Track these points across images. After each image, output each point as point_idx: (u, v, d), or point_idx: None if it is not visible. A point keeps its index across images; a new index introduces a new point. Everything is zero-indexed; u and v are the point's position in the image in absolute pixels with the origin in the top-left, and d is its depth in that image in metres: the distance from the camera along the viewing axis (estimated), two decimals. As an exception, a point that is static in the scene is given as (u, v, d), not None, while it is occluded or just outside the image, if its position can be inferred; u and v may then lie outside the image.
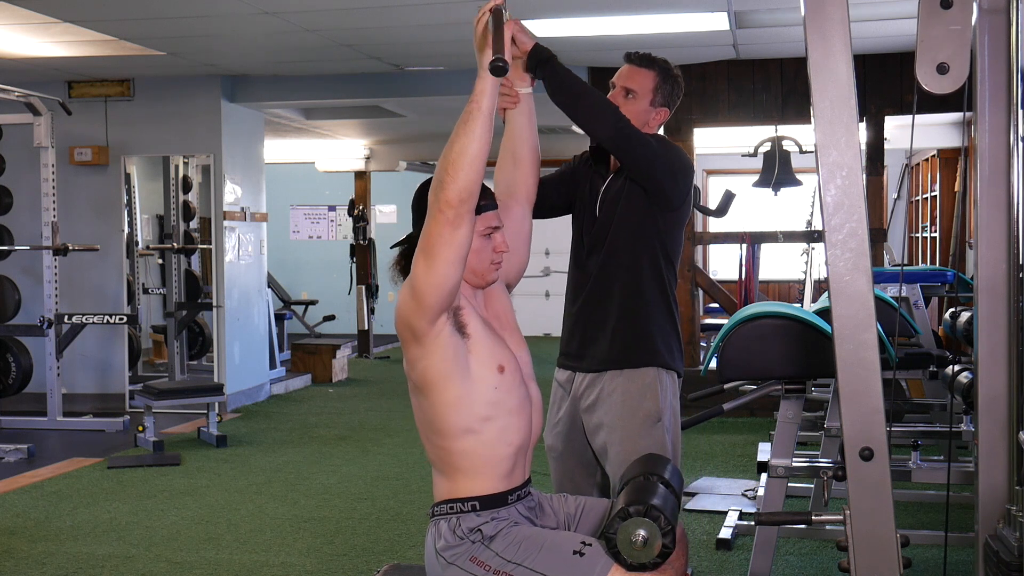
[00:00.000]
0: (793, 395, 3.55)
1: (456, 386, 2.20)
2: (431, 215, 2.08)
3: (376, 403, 8.51)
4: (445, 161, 2.08)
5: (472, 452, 2.23)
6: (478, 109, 2.10)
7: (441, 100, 8.08)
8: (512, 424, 2.27)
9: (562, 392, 3.02)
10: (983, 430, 2.22)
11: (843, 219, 2.11)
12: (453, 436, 2.23)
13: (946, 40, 2.11)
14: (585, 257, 2.97)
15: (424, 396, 2.24)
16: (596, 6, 5.79)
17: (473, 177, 2.07)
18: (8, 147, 7.58)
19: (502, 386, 2.25)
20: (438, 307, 2.14)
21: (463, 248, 2.10)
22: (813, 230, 7.79)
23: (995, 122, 2.18)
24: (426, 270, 2.09)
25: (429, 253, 2.08)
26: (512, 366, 2.30)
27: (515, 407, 2.28)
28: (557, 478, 3.05)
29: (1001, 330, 2.19)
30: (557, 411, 3.02)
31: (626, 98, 2.91)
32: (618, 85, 2.94)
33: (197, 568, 4.23)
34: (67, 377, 7.74)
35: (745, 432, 6.88)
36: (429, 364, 2.19)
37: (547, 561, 2.17)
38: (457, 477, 2.26)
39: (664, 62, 2.97)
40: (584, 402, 2.94)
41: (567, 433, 3.00)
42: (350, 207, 11.47)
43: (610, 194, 2.93)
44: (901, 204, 11.78)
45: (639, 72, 2.93)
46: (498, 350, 2.29)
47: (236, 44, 6.76)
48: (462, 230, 2.08)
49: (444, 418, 2.22)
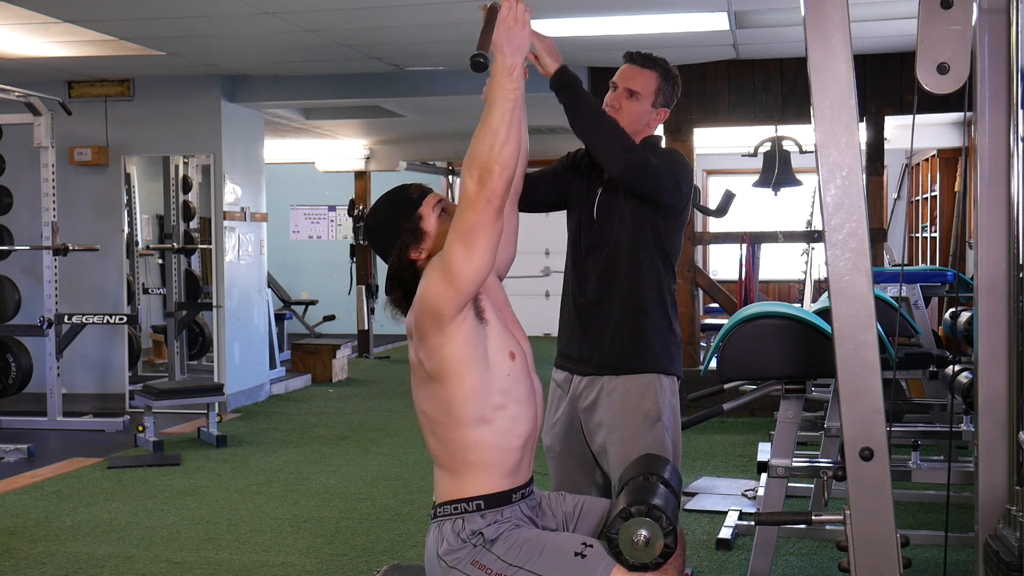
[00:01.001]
0: (793, 395, 3.55)
1: (476, 372, 2.22)
2: (473, 205, 2.09)
3: (376, 403, 8.51)
4: (489, 152, 2.08)
5: (484, 443, 2.24)
6: (517, 100, 2.12)
7: (441, 100, 8.08)
8: (522, 413, 2.29)
9: (560, 392, 3.03)
10: (983, 430, 2.22)
11: (843, 219, 2.11)
12: (468, 425, 2.23)
13: (946, 40, 2.11)
14: (583, 257, 2.96)
15: (442, 384, 2.23)
16: (596, 6, 5.79)
17: (515, 166, 2.12)
18: (8, 147, 7.58)
19: (513, 373, 2.28)
20: (472, 293, 2.16)
21: (500, 235, 2.14)
22: (813, 230, 7.79)
23: (995, 122, 2.18)
24: (467, 257, 2.10)
25: (470, 241, 2.10)
26: (520, 353, 2.33)
27: (524, 396, 2.30)
28: (556, 478, 3.05)
29: (1001, 330, 2.20)
30: (555, 411, 3.02)
31: (629, 99, 2.90)
32: (620, 86, 2.92)
33: (197, 568, 4.23)
34: (67, 377, 7.74)
35: (745, 432, 6.88)
36: (451, 351, 2.19)
37: (549, 563, 2.17)
38: (465, 472, 2.26)
39: (664, 62, 2.96)
40: (583, 402, 2.95)
41: (565, 433, 3.00)
42: (350, 207, 11.47)
43: (607, 196, 2.92)
44: (901, 204, 11.78)
45: (642, 73, 2.91)
46: (507, 337, 2.32)
47: (236, 44, 6.76)
48: (502, 218, 2.12)
49: (462, 406, 2.23)
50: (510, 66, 2.13)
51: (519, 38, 2.15)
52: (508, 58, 2.13)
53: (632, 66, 2.94)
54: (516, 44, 2.14)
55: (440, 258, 2.16)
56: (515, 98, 2.12)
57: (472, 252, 2.10)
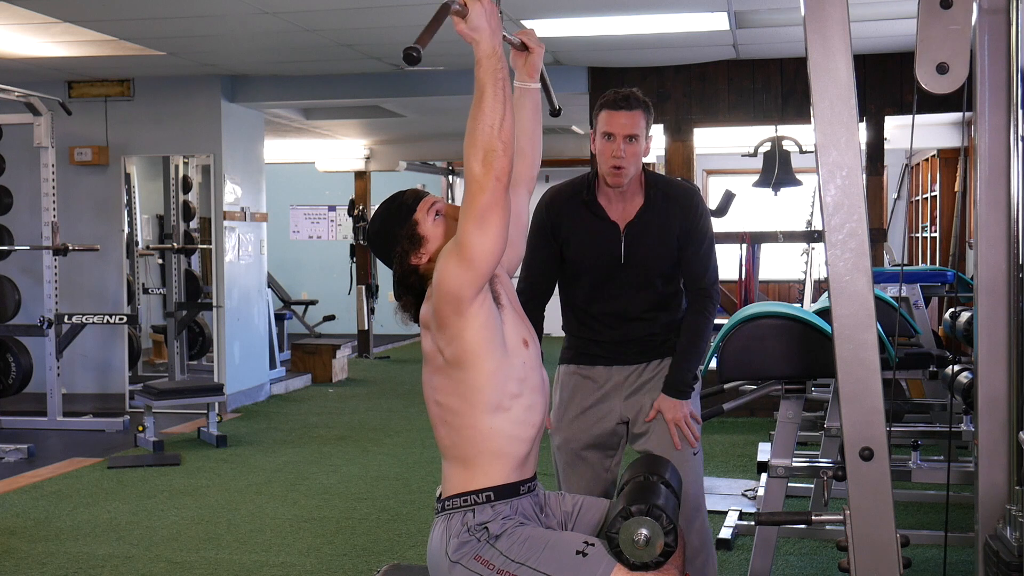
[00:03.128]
0: (793, 395, 3.55)
1: (495, 356, 2.24)
2: (483, 187, 2.13)
3: (376, 403, 8.51)
4: (491, 132, 2.13)
5: (500, 431, 2.26)
6: (506, 78, 2.17)
7: (441, 100, 8.08)
8: (536, 403, 2.32)
9: (590, 384, 3.12)
10: (983, 430, 2.22)
11: (843, 219, 2.11)
12: (485, 412, 2.25)
13: (946, 40, 2.11)
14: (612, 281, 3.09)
15: (462, 369, 2.25)
16: (596, 6, 5.79)
17: (513, 142, 2.18)
18: (8, 147, 7.58)
19: (528, 361, 2.31)
20: (489, 273, 2.19)
21: (510, 213, 2.19)
22: (813, 230, 7.79)
23: (995, 122, 2.18)
24: (481, 237, 2.14)
25: (484, 221, 2.13)
26: (533, 342, 2.35)
27: (537, 385, 2.33)
28: (565, 471, 3.11)
29: (1001, 330, 2.20)
30: (580, 402, 3.11)
31: (631, 143, 2.96)
32: (619, 136, 2.95)
33: (197, 568, 4.23)
34: (67, 377, 7.74)
35: (745, 432, 6.88)
36: (472, 334, 2.22)
37: (551, 561, 2.17)
38: (478, 462, 2.27)
39: (637, 92, 3.04)
40: (628, 388, 3.10)
41: (589, 426, 3.11)
42: (350, 207, 11.48)
43: (635, 235, 3.04)
44: (901, 204, 11.78)
45: (632, 115, 2.97)
46: (521, 325, 2.35)
47: (236, 44, 6.76)
48: (508, 196, 2.17)
49: (480, 391, 2.24)
50: (495, 46, 2.17)
51: (496, 20, 2.20)
52: (492, 39, 2.17)
53: (620, 112, 2.97)
54: (495, 25, 2.18)
55: (454, 243, 2.19)
56: (504, 76, 2.16)
57: (487, 231, 2.14)
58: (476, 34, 2.15)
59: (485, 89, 2.15)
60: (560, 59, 7.20)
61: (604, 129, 2.97)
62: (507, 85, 2.17)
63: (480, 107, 2.14)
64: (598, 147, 3.00)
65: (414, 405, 8.09)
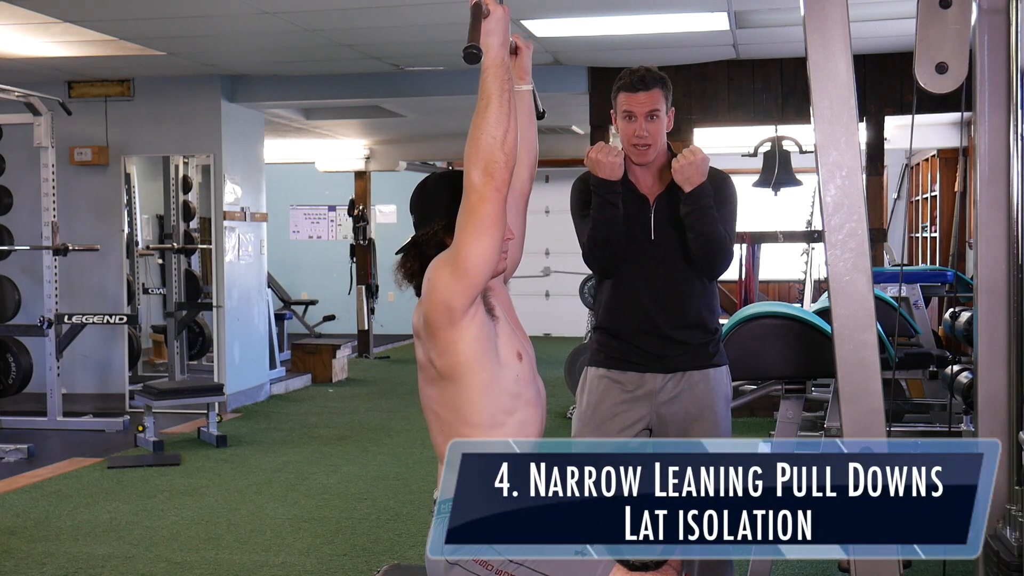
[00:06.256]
0: (793, 395, 3.55)
1: (489, 369, 2.22)
2: (484, 197, 2.11)
3: (376, 403, 8.51)
4: (494, 143, 2.11)
5: None
6: (511, 89, 2.17)
7: (441, 100, 8.08)
8: (530, 418, 2.30)
9: (619, 389, 3.07)
10: (983, 430, 2.22)
11: (843, 219, 2.11)
12: (478, 428, 2.23)
13: (945, 40, 2.11)
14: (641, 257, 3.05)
15: (454, 382, 2.23)
16: (596, 6, 5.79)
17: (516, 153, 2.16)
18: (8, 147, 7.58)
19: (522, 375, 2.29)
20: (483, 283, 2.18)
21: (505, 224, 2.17)
22: (813, 230, 7.79)
23: (995, 122, 2.18)
24: (477, 246, 2.13)
25: (484, 231, 2.12)
26: (527, 355, 2.34)
27: (532, 399, 2.31)
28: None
29: (1001, 330, 2.20)
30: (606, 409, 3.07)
31: (652, 121, 2.97)
32: (639, 113, 2.96)
33: (197, 568, 4.23)
34: (67, 377, 7.73)
35: (745, 432, 6.88)
36: (465, 346, 2.20)
37: (550, 561, 2.17)
38: None
39: (655, 70, 3.03)
40: (663, 396, 3.06)
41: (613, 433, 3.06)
42: (350, 207, 11.47)
43: (664, 207, 3.03)
44: (901, 204, 11.78)
45: (650, 94, 2.97)
46: (515, 337, 2.33)
47: (236, 44, 6.76)
48: (505, 207, 2.16)
49: (473, 407, 2.23)
50: (503, 57, 2.18)
51: (507, 30, 2.21)
52: (501, 49, 2.17)
53: (638, 93, 2.97)
54: (505, 36, 2.20)
55: (450, 252, 2.17)
56: (510, 88, 2.16)
57: (484, 241, 2.13)
58: (488, 38, 2.16)
59: (491, 100, 2.14)
60: (560, 59, 7.20)
61: (624, 109, 2.98)
62: (512, 97, 2.16)
63: (485, 117, 2.13)
64: (620, 128, 3.00)
65: (414, 405, 8.07)
